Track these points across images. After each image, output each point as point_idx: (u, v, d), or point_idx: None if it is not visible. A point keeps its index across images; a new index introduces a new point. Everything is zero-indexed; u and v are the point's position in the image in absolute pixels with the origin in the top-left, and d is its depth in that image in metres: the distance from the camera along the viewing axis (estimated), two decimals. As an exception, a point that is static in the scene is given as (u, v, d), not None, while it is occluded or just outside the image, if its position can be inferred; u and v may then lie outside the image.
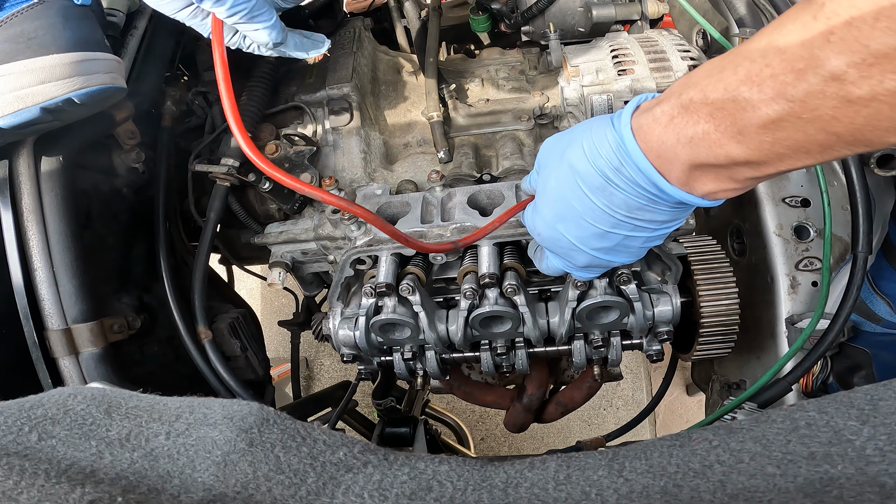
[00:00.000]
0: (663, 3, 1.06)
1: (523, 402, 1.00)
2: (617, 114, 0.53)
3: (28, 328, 0.77)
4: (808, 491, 0.41)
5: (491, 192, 0.85)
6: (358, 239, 0.81)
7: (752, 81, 0.41)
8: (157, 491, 0.42)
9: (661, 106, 0.49)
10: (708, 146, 0.45)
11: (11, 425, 0.45)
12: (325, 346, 2.38)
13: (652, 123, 0.49)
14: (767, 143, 0.42)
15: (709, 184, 0.49)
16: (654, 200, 0.52)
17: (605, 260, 0.60)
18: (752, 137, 0.43)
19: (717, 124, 0.44)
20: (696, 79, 0.46)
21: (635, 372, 2.25)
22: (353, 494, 0.45)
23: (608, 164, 0.52)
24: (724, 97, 0.43)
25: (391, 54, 1.14)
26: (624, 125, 0.51)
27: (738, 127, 0.43)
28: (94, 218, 0.90)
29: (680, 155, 0.48)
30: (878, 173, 0.88)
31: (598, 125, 0.54)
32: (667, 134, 0.48)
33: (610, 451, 0.50)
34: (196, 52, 1.07)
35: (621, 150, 0.51)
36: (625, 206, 0.53)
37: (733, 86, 0.42)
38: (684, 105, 0.46)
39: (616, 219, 0.54)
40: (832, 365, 1.00)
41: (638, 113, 0.51)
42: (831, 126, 0.39)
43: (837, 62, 0.36)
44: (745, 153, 0.44)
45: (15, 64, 0.67)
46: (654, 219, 0.54)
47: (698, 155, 0.46)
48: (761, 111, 0.41)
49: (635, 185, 0.51)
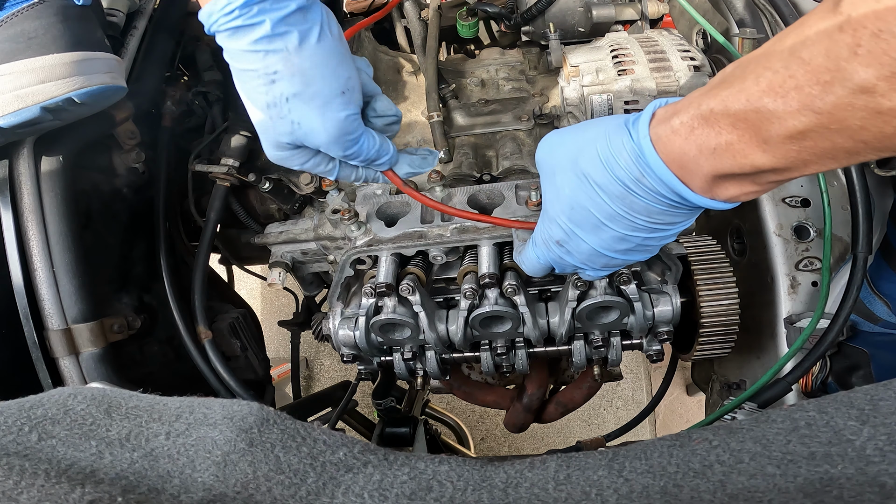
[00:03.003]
0: (663, 3, 1.06)
1: (523, 402, 1.00)
2: (632, 122, 0.52)
3: (28, 328, 0.77)
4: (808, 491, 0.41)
5: (491, 192, 0.85)
6: (358, 239, 0.81)
7: (775, 92, 0.41)
8: (157, 491, 0.42)
9: (678, 117, 0.48)
10: (732, 156, 0.45)
11: (11, 425, 0.45)
12: (325, 346, 2.38)
13: (671, 135, 0.48)
14: (794, 152, 0.42)
15: (732, 189, 0.49)
16: (676, 206, 0.52)
17: (622, 260, 0.61)
18: (777, 147, 0.42)
19: (741, 135, 0.44)
20: (714, 89, 0.46)
21: (635, 372, 2.25)
22: (353, 494, 0.45)
23: (628, 175, 0.51)
24: (747, 108, 0.43)
25: (391, 54, 1.14)
26: (643, 136, 0.50)
27: (763, 137, 0.43)
28: (94, 218, 0.90)
29: (703, 166, 0.47)
30: (878, 173, 0.88)
31: (613, 132, 0.53)
32: (688, 145, 0.47)
33: (610, 451, 0.50)
34: (196, 52, 1.07)
35: (641, 161, 0.50)
36: (645, 211, 0.53)
37: (756, 97, 0.42)
38: (704, 116, 0.46)
39: (636, 223, 0.54)
40: (831, 365, 1.00)
41: (655, 123, 0.51)
42: (859, 135, 0.39)
43: (866, 75, 0.36)
44: (771, 161, 0.44)
45: (15, 63, 0.67)
46: (674, 221, 0.55)
47: (722, 165, 0.46)
48: (787, 123, 0.41)
49: (657, 195, 0.51)
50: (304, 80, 0.54)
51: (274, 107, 0.55)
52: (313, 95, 0.55)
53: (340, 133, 0.57)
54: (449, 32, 1.19)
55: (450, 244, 0.79)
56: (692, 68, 0.92)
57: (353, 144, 0.60)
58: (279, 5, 0.52)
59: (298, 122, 0.56)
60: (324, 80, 0.55)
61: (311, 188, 0.92)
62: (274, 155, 0.61)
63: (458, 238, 0.79)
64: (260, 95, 0.55)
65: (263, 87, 0.55)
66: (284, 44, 0.53)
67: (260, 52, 0.54)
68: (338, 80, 0.56)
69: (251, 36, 0.53)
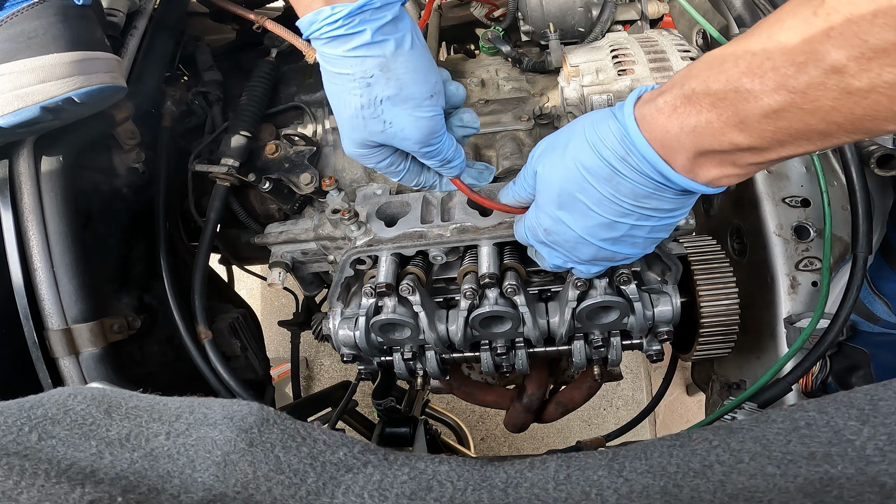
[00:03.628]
0: (663, 3, 1.06)
1: (523, 402, 1.00)
2: (618, 105, 0.54)
3: (28, 328, 0.77)
4: (808, 491, 0.41)
5: (491, 192, 0.85)
6: (358, 239, 0.81)
7: (753, 73, 0.43)
8: (157, 491, 0.42)
9: (663, 97, 0.50)
10: (711, 134, 0.47)
11: (11, 425, 0.45)
12: (325, 346, 2.38)
13: (655, 113, 0.50)
14: (769, 132, 0.44)
15: (713, 170, 0.51)
16: (660, 188, 0.53)
17: (611, 251, 0.61)
18: (753, 126, 0.44)
19: (720, 114, 0.46)
20: (696, 70, 0.48)
21: (635, 372, 2.25)
22: (353, 494, 0.45)
23: (614, 154, 0.53)
24: (727, 88, 0.45)
25: (391, 54, 1.14)
26: (627, 116, 0.52)
27: (741, 116, 0.45)
28: (94, 218, 0.90)
29: (684, 143, 0.49)
30: (878, 173, 0.88)
31: (599, 117, 0.55)
32: (670, 123, 0.49)
33: (610, 451, 0.50)
34: (196, 52, 1.07)
35: (626, 139, 0.52)
36: (632, 194, 0.54)
37: (735, 77, 0.44)
38: (686, 96, 0.48)
39: (623, 208, 0.55)
40: (831, 365, 1.00)
41: (640, 104, 0.53)
42: (831, 116, 0.40)
43: (838, 56, 0.38)
44: (748, 140, 0.46)
45: (15, 63, 0.67)
46: (661, 207, 0.55)
47: (702, 143, 0.48)
48: (763, 101, 0.43)
49: (641, 174, 0.52)
50: (398, 84, 0.59)
51: (368, 108, 0.59)
52: (406, 98, 0.60)
53: (428, 133, 0.62)
54: (449, 32, 1.19)
55: (450, 244, 0.79)
56: (692, 68, 0.92)
57: (437, 142, 0.65)
58: (377, 16, 0.56)
59: (390, 122, 0.60)
60: (415, 84, 0.59)
61: (311, 188, 0.92)
62: (355, 152, 0.66)
63: (458, 238, 0.79)
64: (354, 97, 0.59)
65: (359, 90, 0.59)
66: (382, 51, 0.58)
67: (359, 57, 0.58)
68: (427, 85, 0.60)
69: (351, 43, 0.57)
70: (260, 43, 1.06)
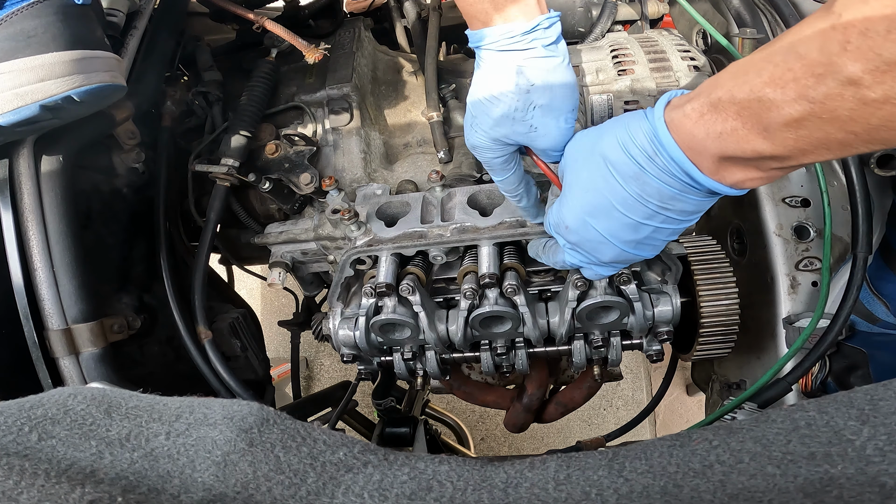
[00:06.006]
0: (663, 3, 1.06)
1: (523, 402, 1.00)
2: (649, 108, 0.57)
3: (28, 328, 0.77)
4: (808, 491, 0.41)
5: (491, 192, 0.85)
6: (358, 239, 0.81)
7: (775, 84, 0.45)
8: (157, 491, 0.42)
9: (690, 103, 0.52)
10: (736, 141, 0.49)
11: (11, 425, 0.45)
12: (325, 346, 2.38)
13: (683, 119, 0.52)
14: (791, 140, 0.46)
15: (737, 174, 0.53)
16: (686, 188, 0.55)
17: (632, 254, 0.63)
18: (776, 134, 0.46)
19: (744, 122, 0.48)
20: (722, 80, 0.50)
21: (635, 372, 2.25)
22: (353, 494, 0.45)
23: (642, 153, 0.55)
24: (750, 97, 0.47)
25: (391, 54, 1.14)
26: (658, 118, 0.54)
27: (764, 124, 0.47)
28: (94, 218, 0.90)
29: (710, 148, 0.51)
30: (878, 173, 0.88)
31: (631, 118, 0.57)
32: (697, 128, 0.51)
33: (610, 451, 0.50)
34: (196, 52, 1.07)
35: (655, 140, 0.54)
36: (658, 194, 0.56)
37: (758, 87, 0.46)
38: (713, 103, 0.50)
39: (649, 209, 0.57)
40: (830, 365, 1.00)
41: (669, 108, 0.55)
42: (849, 125, 0.42)
43: (854, 69, 0.40)
44: (771, 148, 0.48)
45: (15, 62, 0.67)
46: (684, 209, 0.57)
47: (727, 149, 0.50)
48: (784, 111, 0.45)
49: (668, 174, 0.54)
50: (552, 95, 0.64)
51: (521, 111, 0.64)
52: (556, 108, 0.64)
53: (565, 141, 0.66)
54: (449, 32, 1.19)
55: (450, 244, 0.79)
56: (692, 68, 0.92)
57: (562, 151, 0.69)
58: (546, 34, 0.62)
59: (536, 126, 0.65)
60: (565, 98, 0.64)
61: (311, 188, 0.92)
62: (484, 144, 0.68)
63: (458, 238, 0.79)
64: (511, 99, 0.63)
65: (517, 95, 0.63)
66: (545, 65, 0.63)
67: None
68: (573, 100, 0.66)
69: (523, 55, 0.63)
70: (260, 43, 1.06)
